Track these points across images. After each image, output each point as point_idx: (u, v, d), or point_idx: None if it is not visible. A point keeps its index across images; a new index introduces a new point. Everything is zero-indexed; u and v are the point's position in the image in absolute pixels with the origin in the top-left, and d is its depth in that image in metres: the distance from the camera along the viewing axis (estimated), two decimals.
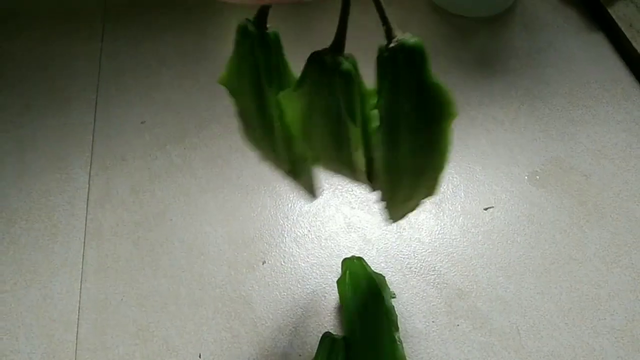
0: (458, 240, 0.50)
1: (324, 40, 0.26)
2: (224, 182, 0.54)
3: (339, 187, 0.54)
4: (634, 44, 0.60)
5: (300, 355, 0.44)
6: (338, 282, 0.45)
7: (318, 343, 0.43)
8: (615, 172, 0.54)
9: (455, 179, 0.54)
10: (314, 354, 0.43)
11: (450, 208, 0.52)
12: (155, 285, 0.48)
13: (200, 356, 0.45)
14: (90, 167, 0.56)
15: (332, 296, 0.47)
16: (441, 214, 0.52)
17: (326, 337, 0.43)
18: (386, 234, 0.51)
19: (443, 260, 0.49)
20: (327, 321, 0.46)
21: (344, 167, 0.32)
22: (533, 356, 0.44)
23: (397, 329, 0.42)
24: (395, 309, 0.43)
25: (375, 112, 0.28)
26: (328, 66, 0.26)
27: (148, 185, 0.55)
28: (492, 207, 0.52)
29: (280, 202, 0.53)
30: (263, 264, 0.49)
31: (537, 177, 0.54)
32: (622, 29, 0.62)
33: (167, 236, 0.51)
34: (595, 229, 0.51)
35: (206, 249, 0.50)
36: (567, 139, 0.57)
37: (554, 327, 0.45)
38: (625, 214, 0.51)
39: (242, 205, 0.53)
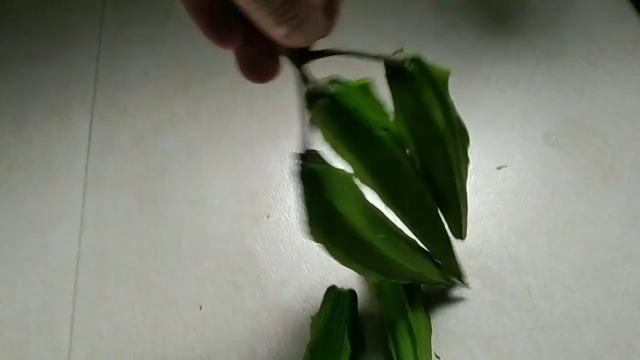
0: (470, 199, 0.48)
1: None
2: (229, 135, 0.53)
3: None
4: None
5: (304, 310, 0.43)
6: None
7: (323, 297, 0.41)
8: (634, 135, 0.52)
9: None
10: (318, 308, 0.41)
11: None
12: (156, 236, 0.47)
13: (201, 308, 0.44)
14: (92, 118, 0.55)
15: None
16: None
17: (331, 290, 0.41)
18: None
19: None
20: (333, 275, 0.44)
21: None
22: (545, 317, 0.43)
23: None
24: None
25: None
26: None
27: (150, 136, 0.53)
28: (505, 166, 0.50)
29: (285, 157, 0.51)
30: (267, 217, 0.48)
31: (553, 137, 0.52)
32: None
33: (169, 188, 0.50)
34: (612, 191, 0.49)
35: (209, 201, 0.49)
36: (584, 99, 0.55)
37: (566, 288, 0.44)
38: None
39: (247, 159, 0.51)
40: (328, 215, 0.30)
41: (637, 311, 0.43)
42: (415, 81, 0.29)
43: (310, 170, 0.28)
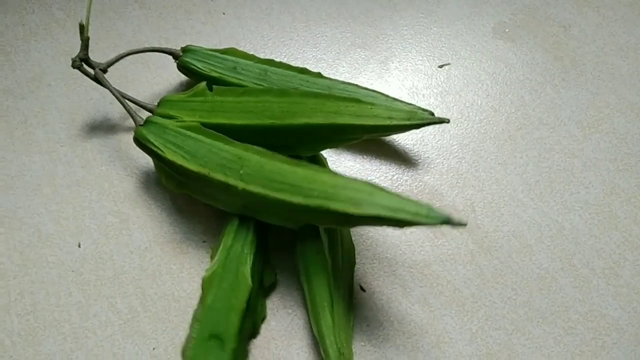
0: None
1: None
2: (117, 39, 0.43)
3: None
4: None
5: (204, 242, 0.36)
6: None
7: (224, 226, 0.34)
8: (600, 23, 0.44)
9: (405, 32, 0.44)
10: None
11: (398, 66, 0.42)
12: (27, 163, 0.39)
13: (79, 245, 0.36)
14: None
15: None
16: (387, 74, 0.42)
17: (233, 217, 0.34)
18: None
19: None
20: None
21: None
22: (490, 237, 0.36)
23: None
24: None
25: None
26: None
27: (22, 44, 0.43)
28: (449, 64, 0.42)
29: None
30: None
31: (506, 29, 0.44)
32: None
33: (43, 105, 0.41)
34: (572, 89, 0.41)
35: (91, 118, 0.40)
36: None
37: (516, 203, 0.37)
38: (609, 70, 0.42)
39: (139, 67, 0.42)
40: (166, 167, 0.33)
41: (596, 226, 0.36)
42: None
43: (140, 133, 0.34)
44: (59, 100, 0.41)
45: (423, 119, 0.31)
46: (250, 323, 0.32)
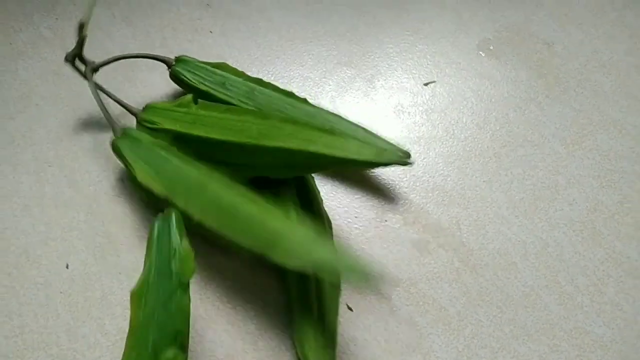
0: (391, 121, 0.41)
1: None
2: (105, 56, 0.43)
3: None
4: None
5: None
6: None
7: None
8: (583, 40, 0.45)
9: (390, 50, 0.44)
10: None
11: (384, 84, 0.43)
12: (13, 183, 0.39)
13: (67, 267, 0.36)
14: None
15: None
16: (373, 92, 0.42)
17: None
18: None
19: None
20: None
21: None
22: (475, 254, 0.36)
23: None
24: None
25: None
26: None
27: (9, 63, 0.43)
28: (434, 81, 0.43)
29: None
30: None
31: (490, 46, 0.44)
32: None
33: (30, 125, 0.41)
34: (556, 106, 0.42)
35: (79, 137, 0.40)
36: (527, 1, 0.47)
37: (501, 220, 0.38)
38: (592, 87, 0.43)
39: (129, 74, 0.43)
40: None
41: (581, 244, 0.37)
42: None
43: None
44: (47, 119, 0.41)
45: (389, 160, 0.31)
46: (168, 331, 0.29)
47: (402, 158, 0.31)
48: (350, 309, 0.34)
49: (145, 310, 0.28)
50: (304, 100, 0.38)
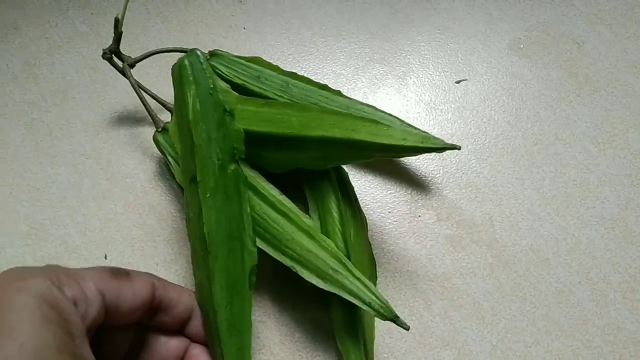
0: (424, 118, 0.42)
1: None
2: (140, 52, 0.44)
3: None
4: None
5: None
6: None
7: None
8: (613, 40, 0.45)
9: (422, 48, 0.45)
10: None
11: (416, 82, 0.43)
12: (52, 175, 0.39)
13: (106, 257, 0.37)
14: None
15: None
16: (405, 89, 0.43)
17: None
18: None
19: None
20: None
21: None
22: (508, 251, 0.37)
23: None
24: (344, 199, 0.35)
25: None
26: None
27: (46, 58, 0.44)
28: (466, 80, 0.43)
29: None
30: None
31: (521, 45, 0.45)
32: None
33: (68, 118, 0.41)
34: (587, 105, 0.42)
35: (115, 131, 0.41)
36: (557, 1, 0.47)
37: (534, 217, 0.38)
38: (622, 87, 0.43)
39: (164, 70, 0.43)
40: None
41: (613, 241, 0.37)
42: None
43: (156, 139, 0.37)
44: (84, 113, 0.42)
45: (436, 144, 0.31)
46: (229, 147, 0.32)
47: (447, 144, 0.31)
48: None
49: (204, 134, 0.31)
50: (339, 93, 0.38)
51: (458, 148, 0.30)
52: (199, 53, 0.33)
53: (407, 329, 0.28)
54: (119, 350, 0.27)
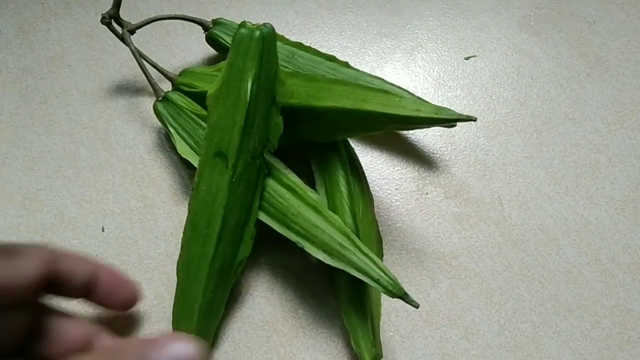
0: (432, 94, 0.41)
1: None
2: (139, 19, 0.42)
3: None
4: None
5: None
6: None
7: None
8: (624, 20, 0.44)
9: (431, 22, 0.43)
10: None
11: (424, 57, 0.42)
12: (48, 144, 0.38)
13: (103, 229, 0.35)
14: None
15: None
16: (412, 64, 0.42)
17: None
18: None
19: None
20: None
21: None
22: (517, 229, 0.36)
23: None
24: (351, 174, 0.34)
25: None
26: None
27: (41, 23, 0.42)
28: (475, 56, 0.42)
29: None
30: None
31: (531, 22, 0.44)
32: None
33: (64, 85, 0.40)
34: (597, 84, 0.41)
35: (114, 100, 0.39)
36: None
37: (543, 196, 0.37)
38: (634, 67, 0.42)
39: (165, 37, 0.42)
40: None
41: (622, 221, 0.36)
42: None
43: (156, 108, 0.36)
44: (80, 81, 0.40)
45: (451, 115, 0.30)
46: (264, 138, 0.31)
47: (461, 115, 0.29)
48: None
49: (250, 119, 0.30)
50: (346, 64, 0.37)
51: (473, 119, 0.29)
52: (272, 30, 0.31)
53: (417, 306, 0.28)
54: (13, 334, 0.25)
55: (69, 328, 0.27)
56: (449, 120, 0.29)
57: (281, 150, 0.33)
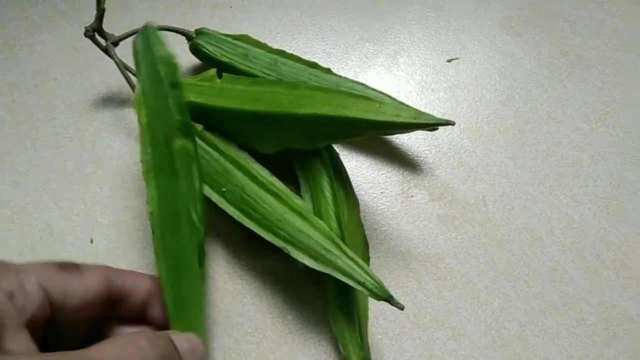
0: (414, 97, 0.41)
1: None
2: (123, 31, 0.43)
3: None
4: None
5: (218, 237, 0.36)
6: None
7: None
8: (604, 18, 0.45)
9: (413, 26, 0.44)
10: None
11: (407, 61, 0.42)
12: (34, 158, 0.38)
13: (92, 241, 0.36)
14: None
15: None
16: (395, 68, 0.42)
17: None
18: None
19: None
20: None
21: None
22: (502, 230, 0.36)
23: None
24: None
25: None
26: None
27: (26, 37, 0.43)
28: (457, 58, 0.43)
29: None
30: None
31: (512, 23, 0.44)
32: None
33: (50, 99, 0.40)
34: (579, 83, 0.42)
35: (99, 112, 0.40)
36: None
37: (527, 196, 0.38)
38: (614, 65, 0.43)
39: None
40: None
41: (605, 219, 0.37)
42: None
43: None
44: (66, 94, 0.40)
45: (429, 119, 0.30)
46: (173, 120, 0.30)
47: (440, 119, 0.30)
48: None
49: (149, 112, 0.30)
50: (328, 70, 0.37)
51: (452, 123, 0.29)
52: (148, 29, 0.32)
53: (402, 308, 0.28)
54: (74, 342, 0.26)
55: (124, 331, 0.28)
56: (428, 124, 0.30)
57: (265, 158, 0.33)
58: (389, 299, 0.28)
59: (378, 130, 0.31)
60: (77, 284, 0.24)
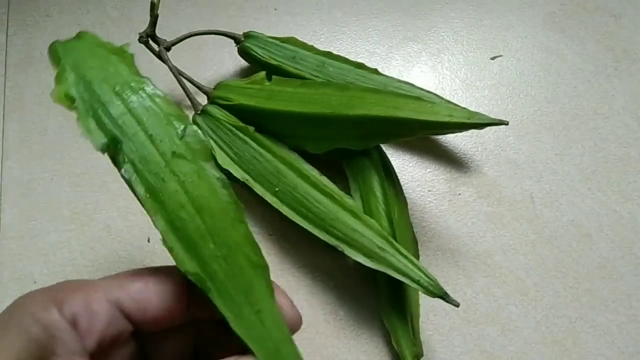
0: (460, 95, 0.41)
1: None
2: (171, 36, 0.44)
3: None
4: None
5: (271, 235, 0.37)
6: None
7: None
8: None
9: (456, 24, 0.44)
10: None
11: (451, 59, 0.43)
12: (91, 160, 0.40)
13: (149, 240, 0.37)
14: (7, 26, 0.45)
15: None
16: (439, 66, 0.42)
17: None
18: None
19: None
20: None
21: None
22: (550, 226, 0.37)
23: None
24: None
25: None
26: None
27: None
28: (501, 55, 0.43)
29: None
30: None
31: (556, 19, 0.44)
32: None
33: None
34: (625, 79, 0.42)
35: None
36: None
37: (574, 192, 0.38)
38: None
39: (198, 52, 0.43)
40: None
41: None
42: None
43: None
44: None
45: (483, 119, 0.30)
46: None
47: (493, 119, 0.30)
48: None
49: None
50: (375, 71, 0.38)
51: (505, 123, 0.29)
52: (85, 33, 0.28)
53: (457, 305, 0.29)
54: (180, 351, 0.25)
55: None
56: (481, 124, 0.30)
57: (313, 158, 0.34)
58: (444, 296, 0.29)
59: (430, 131, 0.32)
60: (151, 292, 0.22)
